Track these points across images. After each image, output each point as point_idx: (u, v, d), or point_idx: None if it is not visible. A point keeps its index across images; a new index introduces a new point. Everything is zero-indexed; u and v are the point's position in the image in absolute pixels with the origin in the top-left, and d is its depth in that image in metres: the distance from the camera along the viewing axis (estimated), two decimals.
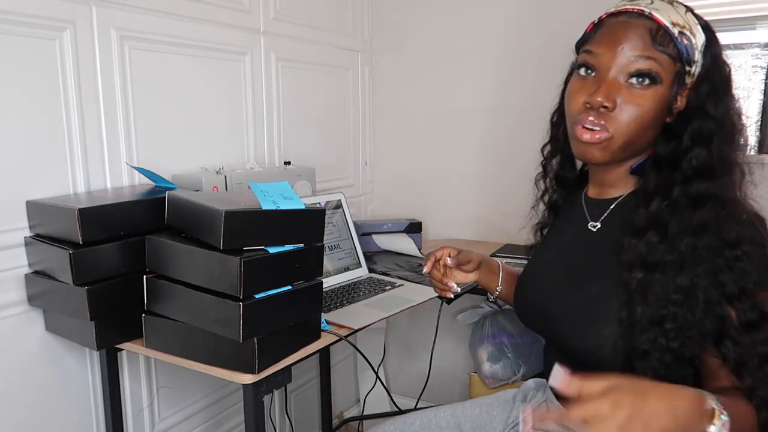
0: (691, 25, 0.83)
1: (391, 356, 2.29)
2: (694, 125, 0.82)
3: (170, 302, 1.08)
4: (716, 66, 0.84)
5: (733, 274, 0.76)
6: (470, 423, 1.10)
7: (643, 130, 0.82)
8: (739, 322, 0.75)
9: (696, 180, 0.81)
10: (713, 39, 0.84)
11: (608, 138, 0.82)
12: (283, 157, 1.80)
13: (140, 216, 1.15)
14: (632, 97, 0.81)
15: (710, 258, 0.77)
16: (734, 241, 0.77)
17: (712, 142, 0.81)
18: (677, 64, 0.81)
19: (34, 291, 1.19)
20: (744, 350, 0.75)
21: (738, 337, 0.75)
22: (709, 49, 0.84)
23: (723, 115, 0.83)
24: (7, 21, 1.11)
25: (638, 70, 0.80)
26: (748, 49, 1.72)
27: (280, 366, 1.06)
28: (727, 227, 0.77)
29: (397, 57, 2.14)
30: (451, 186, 2.10)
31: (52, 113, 1.20)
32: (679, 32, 0.81)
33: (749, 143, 1.69)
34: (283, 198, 1.07)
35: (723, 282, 0.76)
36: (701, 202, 0.80)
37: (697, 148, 0.81)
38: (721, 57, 0.85)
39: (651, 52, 0.80)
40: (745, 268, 0.76)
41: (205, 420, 1.65)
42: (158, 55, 1.41)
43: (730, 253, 0.76)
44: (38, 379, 1.24)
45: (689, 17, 0.84)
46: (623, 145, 0.83)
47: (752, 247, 0.77)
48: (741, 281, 0.76)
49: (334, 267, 1.57)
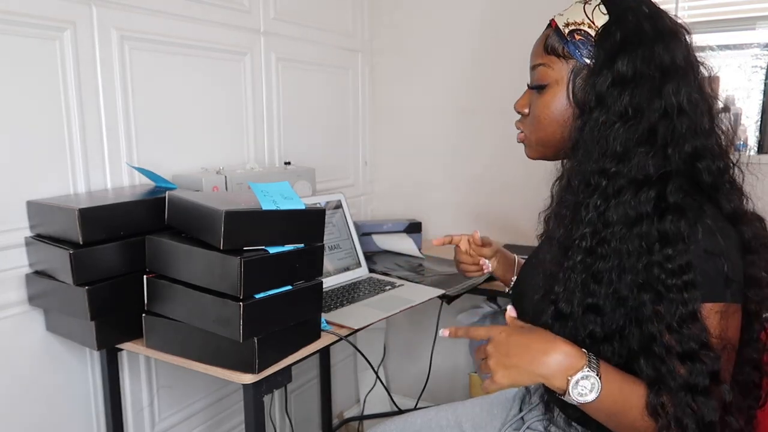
0: (593, 19, 0.83)
1: (391, 356, 2.29)
2: (587, 117, 0.82)
3: (170, 302, 1.08)
4: (619, 53, 0.79)
5: (672, 304, 0.73)
6: (471, 422, 1.11)
7: (549, 128, 0.89)
8: (675, 351, 0.73)
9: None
10: (616, 29, 0.81)
11: (526, 138, 0.94)
12: (283, 157, 1.80)
13: (140, 216, 1.15)
14: (535, 103, 0.90)
15: (641, 275, 0.76)
16: (677, 267, 0.73)
17: (591, 131, 0.81)
18: (570, 62, 0.85)
19: (34, 291, 1.19)
20: (669, 375, 0.72)
21: (668, 362, 0.73)
22: (608, 38, 0.81)
23: (623, 102, 0.78)
24: (7, 21, 1.11)
25: (532, 82, 0.90)
26: (748, 49, 1.72)
27: (280, 366, 1.06)
28: (665, 249, 0.74)
29: (397, 57, 2.14)
30: (451, 186, 2.10)
31: (53, 113, 1.20)
32: (570, 31, 0.84)
33: (749, 143, 1.69)
34: (283, 198, 1.07)
35: (660, 309, 0.74)
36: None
37: (580, 139, 0.83)
38: (627, 42, 0.80)
39: (542, 58, 0.88)
40: (686, 298, 0.73)
41: (205, 420, 1.65)
42: (158, 55, 1.41)
43: (670, 280, 0.73)
44: (38, 379, 1.24)
45: (596, 11, 0.83)
46: (537, 141, 0.92)
47: (700, 263, 0.74)
48: (681, 309, 0.73)
49: (334, 267, 1.57)
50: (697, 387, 0.71)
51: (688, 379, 0.71)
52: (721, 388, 0.72)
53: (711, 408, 0.71)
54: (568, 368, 0.74)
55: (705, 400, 0.71)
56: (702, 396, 0.71)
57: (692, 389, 0.71)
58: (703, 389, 0.71)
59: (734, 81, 1.73)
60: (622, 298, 0.78)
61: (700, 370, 0.71)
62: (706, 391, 0.71)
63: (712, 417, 0.71)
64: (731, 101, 1.71)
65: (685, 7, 1.73)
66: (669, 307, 0.73)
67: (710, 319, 0.74)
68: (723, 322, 0.74)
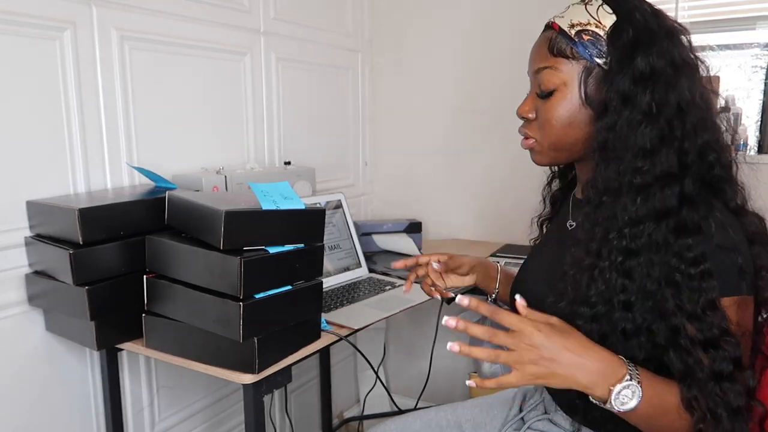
0: (599, 18, 0.83)
1: (391, 356, 2.29)
2: (614, 116, 0.81)
3: (170, 302, 1.08)
4: (635, 50, 0.79)
5: (692, 293, 0.74)
6: (470, 422, 1.11)
7: (562, 131, 0.87)
8: (697, 340, 0.74)
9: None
10: (628, 27, 0.81)
11: (535, 143, 0.91)
12: (283, 157, 1.80)
13: (140, 216, 1.15)
14: (543, 107, 0.88)
15: (664, 268, 0.76)
16: (694, 257, 0.74)
17: (616, 130, 0.80)
18: (581, 62, 0.84)
19: (34, 291, 1.19)
20: (696, 366, 0.74)
21: (693, 353, 0.74)
22: (621, 36, 0.81)
23: (645, 100, 0.78)
24: (7, 21, 1.11)
25: (538, 88, 0.88)
26: (748, 49, 1.72)
27: (280, 366, 1.06)
28: (684, 239, 0.75)
29: (397, 57, 2.14)
30: (450, 186, 2.10)
31: (53, 113, 1.20)
32: (578, 32, 0.83)
33: (749, 143, 1.69)
34: (283, 198, 1.07)
35: (681, 300, 0.75)
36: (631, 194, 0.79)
37: (602, 136, 0.81)
38: (640, 42, 0.80)
39: (547, 61, 0.86)
40: (704, 287, 0.74)
41: (205, 420, 1.65)
42: (158, 55, 1.41)
43: (689, 270, 0.74)
44: (38, 379, 1.24)
45: (601, 11, 0.83)
46: (550, 146, 0.89)
47: (715, 257, 0.75)
48: (701, 298, 0.74)
49: (334, 267, 1.57)
50: (722, 374, 0.73)
51: (713, 366, 0.73)
52: (745, 374, 0.74)
53: (737, 393, 0.73)
54: (610, 377, 0.73)
55: (731, 386, 0.73)
56: (728, 382, 0.73)
57: (718, 377, 0.73)
58: (728, 375, 0.73)
59: (734, 81, 1.73)
60: (650, 292, 0.78)
61: (723, 356, 0.72)
62: (731, 377, 0.73)
63: (739, 402, 0.73)
64: (731, 101, 1.71)
65: (685, 7, 1.73)
66: (689, 296, 0.74)
67: (728, 311, 0.75)
68: (739, 314, 0.76)
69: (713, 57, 0.86)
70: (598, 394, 0.73)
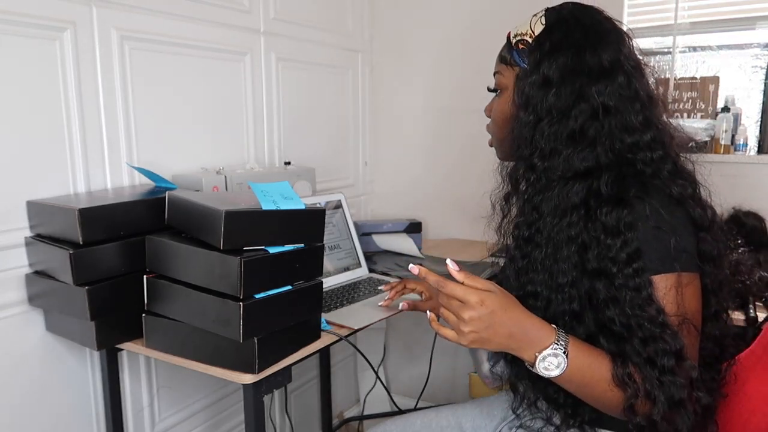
0: (533, 29, 0.90)
1: (391, 356, 2.29)
2: (517, 118, 0.91)
3: (170, 302, 1.08)
4: (543, 58, 0.87)
5: (624, 292, 0.78)
6: (471, 423, 1.11)
7: (503, 130, 0.97)
8: (638, 337, 0.76)
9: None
10: (547, 36, 0.88)
11: (491, 139, 1.05)
12: (283, 157, 1.80)
13: (140, 216, 1.15)
14: (493, 107, 1.01)
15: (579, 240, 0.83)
16: (627, 255, 0.79)
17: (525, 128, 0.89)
18: (515, 69, 0.94)
19: (34, 291, 1.19)
20: (632, 352, 0.77)
21: (630, 341, 0.77)
22: (539, 46, 0.88)
23: (546, 104, 0.86)
24: (8, 21, 1.11)
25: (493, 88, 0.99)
26: (748, 49, 1.72)
27: (280, 366, 1.06)
28: (603, 210, 0.80)
29: (397, 57, 2.14)
30: (450, 186, 2.10)
31: (53, 113, 1.20)
32: (517, 41, 0.93)
33: (749, 143, 1.69)
34: (283, 198, 1.07)
35: (611, 292, 0.79)
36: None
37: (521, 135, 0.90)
38: (559, 46, 0.87)
39: (498, 66, 0.98)
40: (637, 284, 0.77)
41: (205, 420, 1.65)
42: (158, 55, 1.41)
43: (620, 269, 0.78)
44: (38, 379, 1.24)
45: (537, 22, 0.91)
46: (497, 143, 1.03)
47: (645, 236, 0.79)
48: (634, 295, 0.77)
49: (334, 267, 1.57)
50: (663, 368, 0.74)
51: (654, 358, 0.75)
52: (686, 365, 0.76)
53: (678, 386, 0.74)
54: (537, 345, 0.78)
55: (672, 379, 0.74)
56: (669, 375, 0.74)
57: (659, 369, 0.75)
58: (670, 369, 0.74)
59: (734, 81, 1.73)
60: (560, 285, 0.83)
61: (664, 350, 0.74)
62: (672, 371, 0.74)
63: (681, 395, 0.74)
64: (731, 101, 1.71)
65: (685, 7, 1.73)
66: (622, 294, 0.78)
67: (664, 292, 0.77)
68: (678, 295, 0.78)
69: (713, 57, 0.88)
70: (526, 358, 0.79)
